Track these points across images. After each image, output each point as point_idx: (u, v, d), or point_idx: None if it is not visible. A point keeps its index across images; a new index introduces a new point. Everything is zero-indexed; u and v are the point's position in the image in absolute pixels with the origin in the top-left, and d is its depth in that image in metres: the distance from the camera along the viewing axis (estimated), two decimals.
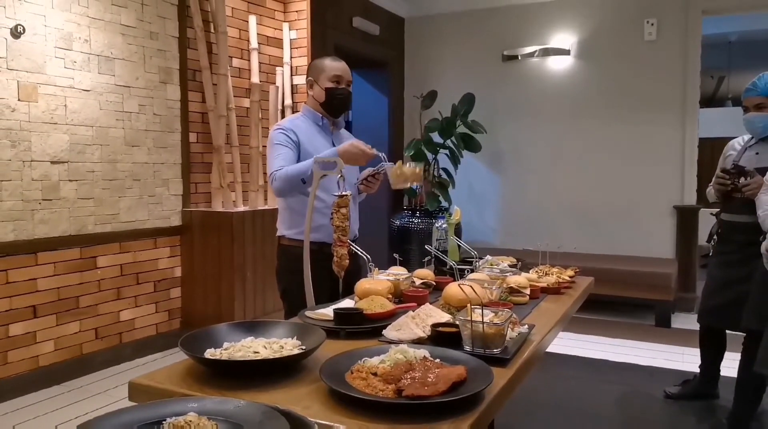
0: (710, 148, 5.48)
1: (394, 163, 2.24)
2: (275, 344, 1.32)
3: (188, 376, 1.24)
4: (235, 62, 4.55)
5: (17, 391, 3.22)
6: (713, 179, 2.99)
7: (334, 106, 2.45)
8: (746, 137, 2.99)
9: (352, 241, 2.42)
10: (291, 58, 4.93)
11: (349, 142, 2.26)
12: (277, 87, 4.79)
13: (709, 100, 9.35)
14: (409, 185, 2.25)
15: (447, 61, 6.24)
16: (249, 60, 4.64)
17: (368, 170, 2.48)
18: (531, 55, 5.83)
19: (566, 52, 5.69)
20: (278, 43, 4.90)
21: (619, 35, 5.48)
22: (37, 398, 3.23)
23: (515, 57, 5.90)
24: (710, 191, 3.08)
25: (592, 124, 5.64)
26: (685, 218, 5.34)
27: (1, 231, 3.13)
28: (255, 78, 4.61)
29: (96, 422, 0.87)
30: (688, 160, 5.32)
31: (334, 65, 2.44)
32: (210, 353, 1.28)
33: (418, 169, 2.21)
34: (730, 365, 3.07)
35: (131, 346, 3.86)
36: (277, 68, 4.87)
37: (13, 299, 3.21)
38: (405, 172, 2.20)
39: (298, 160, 2.35)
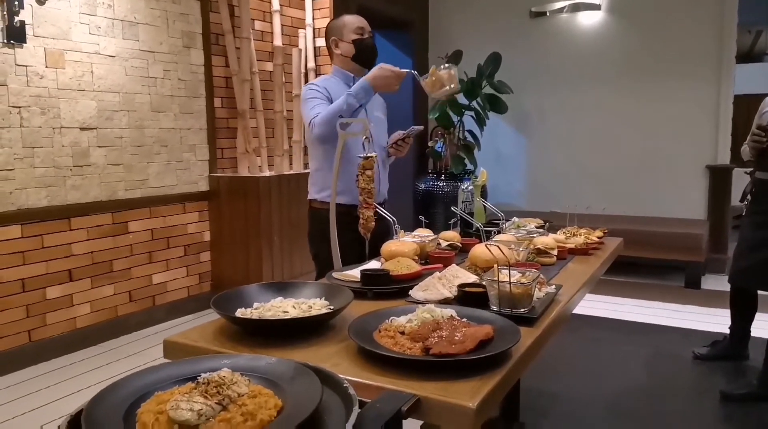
0: (746, 106, 5.28)
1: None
2: (304, 304, 1.34)
3: (220, 334, 1.27)
4: (258, 25, 4.51)
5: (56, 351, 3.35)
6: (748, 137, 2.90)
7: (364, 56, 2.46)
8: None
9: (381, 204, 2.44)
10: (313, 19, 4.87)
11: (377, 66, 2.23)
12: (300, 50, 4.75)
13: (746, 56, 8.99)
14: (448, 89, 2.12)
15: (472, 19, 6.09)
16: (271, 23, 4.59)
17: (398, 134, 2.48)
18: (560, 10, 5.66)
19: (597, 7, 5.50)
20: (300, 4, 4.83)
21: None
22: (74, 358, 3.36)
23: (543, 13, 5.74)
24: (745, 149, 2.99)
25: (623, 81, 5.48)
26: (718, 178, 5.21)
27: (35, 197, 3.20)
28: (278, 41, 4.57)
29: (134, 378, 0.90)
30: (723, 117, 5.16)
31: (353, 19, 2.48)
32: (241, 313, 1.31)
33: (452, 70, 2.08)
34: (760, 326, 3.04)
35: (164, 309, 3.97)
36: (300, 31, 4.82)
37: (50, 263, 3.31)
38: (440, 76, 2.07)
39: None
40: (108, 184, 3.57)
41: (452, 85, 2.11)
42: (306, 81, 4.77)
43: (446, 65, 2.11)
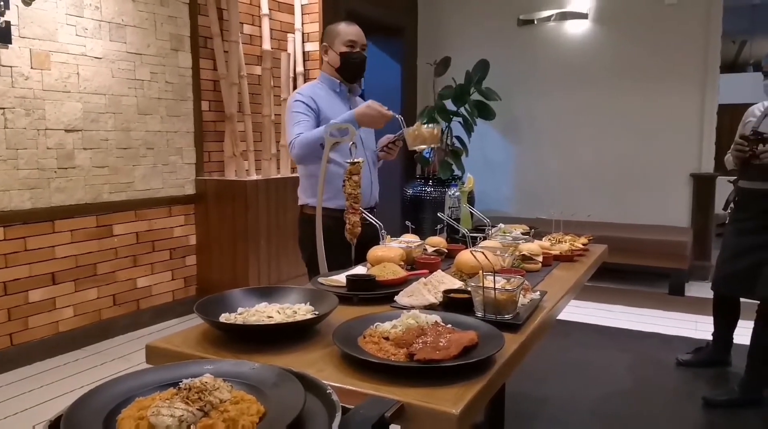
0: (730, 115, 5.36)
1: (412, 125, 2.22)
2: (288, 309, 1.33)
3: (204, 339, 1.26)
4: (246, 29, 4.50)
5: (38, 355, 3.31)
6: (732, 146, 2.94)
7: (349, 71, 2.44)
8: (767, 103, 2.92)
9: (372, 208, 2.44)
10: (302, 24, 4.87)
11: (366, 103, 2.24)
12: (289, 54, 4.74)
13: (730, 66, 9.13)
14: (426, 147, 2.21)
15: (461, 27, 6.13)
16: (260, 26, 4.59)
17: (387, 137, 2.48)
18: (548, 19, 5.71)
19: (584, 16, 5.56)
20: (289, 8, 4.84)
21: None
22: (58, 362, 3.31)
23: (531, 21, 5.78)
24: (728, 158, 3.04)
25: (609, 90, 5.54)
26: (702, 186, 5.27)
27: (18, 199, 3.17)
28: (266, 45, 4.56)
29: (114, 383, 0.89)
30: (707, 126, 5.23)
31: (348, 30, 2.42)
32: (225, 318, 1.30)
33: (436, 130, 2.17)
34: (742, 333, 3.07)
35: (149, 313, 3.93)
36: (289, 35, 4.82)
37: (33, 266, 3.27)
38: (423, 133, 2.16)
39: (317, 127, 2.34)
40: (93, 186, 3.54)
41: (433, 145, 2.22)
42: (295, 85, 4.76)
43: (430, 125, 2.19)
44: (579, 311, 4.25)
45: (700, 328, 3.87)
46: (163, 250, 4.02)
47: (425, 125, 2.18)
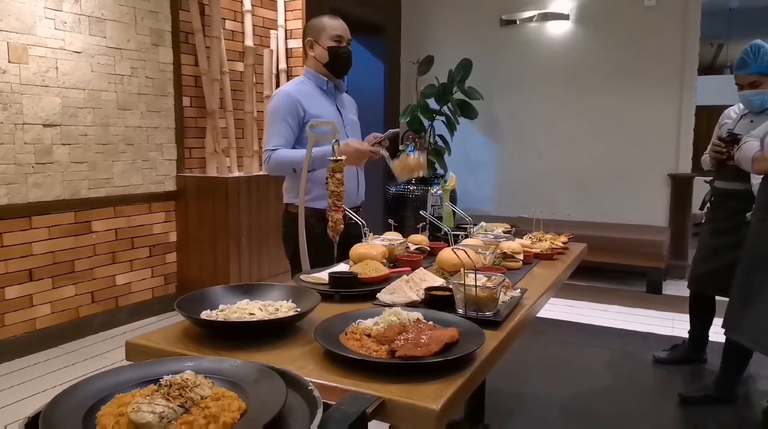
0: (707, 117, 5.45)
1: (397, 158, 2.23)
2: (270, 306, 1.33)
3: (184, 337, 1.25)
4: (228, 24, 4.47)
5: (14, 353, 3.26)
6: (709, 147, 2.99)
7: (337, 66, 2.42)
8: (742, 106, 2.98)
9: (358, 207, 2.44)
10: (285, 20, 4.85)
11: (345, 141, 2.24)
12: (272, 50, 4.72)
13: (708, 68, 9.28)
14: (415, 175, 2.25)
15: (444, 26, 6.15)
16: (242, 22, 4.56)
17: (374, 135, 2.48)
18: (530, 19, 5.75)
19: (565, 17, 5.61)
20: (272, 5, 4.81)
21: (619, 0, 5.40)
22: (34, 360, 3.27)
23: (513, 22, 5.82)
24: (705, 159, 3.09)
25: (589, 91, 5.60)
26: (680, 186, 5.35)
27: None
28: (249, 41, 4.54)
29: (94, 379, 0.89)
30: (685, 128, 5.31)
31: (334, 24, 2.40)
32: (206, 315, 1.29)
33: (421, 157, 2.22)
34: (718, 331, 3.12)
35: (127, 310, 3.89)
36: (272, 31, 4.79)
37: (9, 262, 3.21)
38: (410, 163, 2.20)
39: (303, 127, 2.33)
40: (71, 182, 3.49)
41: (420, 172, 2.27)
42: (278, 82, 4.74)
43: (415, 153, 2.25)
44: (558, 309, 4.30)
45: (677, 325, 3.94)
46: (142, 247, 3.98)
47: (409, 154, 2.19)
